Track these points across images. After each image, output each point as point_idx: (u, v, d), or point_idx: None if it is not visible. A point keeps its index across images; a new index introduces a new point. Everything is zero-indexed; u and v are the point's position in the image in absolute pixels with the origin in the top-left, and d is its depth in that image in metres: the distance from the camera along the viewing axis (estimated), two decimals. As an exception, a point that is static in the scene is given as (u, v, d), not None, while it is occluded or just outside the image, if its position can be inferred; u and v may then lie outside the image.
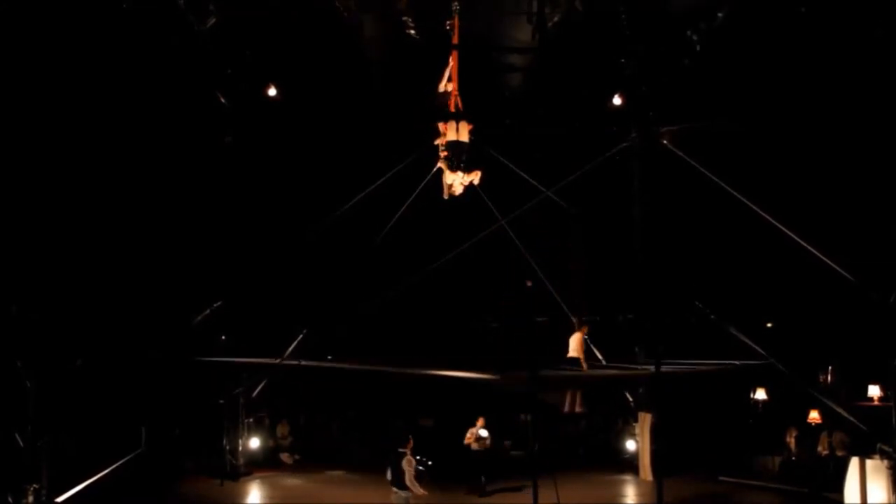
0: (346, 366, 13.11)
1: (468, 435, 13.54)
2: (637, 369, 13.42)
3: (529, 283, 12.99)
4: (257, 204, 15.17)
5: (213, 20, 12.09)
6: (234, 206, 14.91)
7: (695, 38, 12.66)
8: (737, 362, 12.81)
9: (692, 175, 12.74)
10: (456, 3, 11.40)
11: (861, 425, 11.71)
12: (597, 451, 16.79)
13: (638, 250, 13.97)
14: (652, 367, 10.75)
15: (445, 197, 10.84)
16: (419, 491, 10.10)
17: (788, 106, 12.88)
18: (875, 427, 11.27)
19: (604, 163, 13.97)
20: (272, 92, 14.07)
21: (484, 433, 13.72)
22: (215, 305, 14.05)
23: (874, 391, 13.39)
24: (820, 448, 14.04)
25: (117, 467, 12.50)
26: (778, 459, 14.55)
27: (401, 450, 10.17)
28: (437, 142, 10.76)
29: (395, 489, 10.24)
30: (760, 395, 15.62)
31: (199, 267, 14.28)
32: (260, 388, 15.55)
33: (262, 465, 15.59)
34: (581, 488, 13.43)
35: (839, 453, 13.34)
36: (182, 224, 14.16)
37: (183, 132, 13.79)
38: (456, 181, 10.64)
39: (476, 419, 13.83)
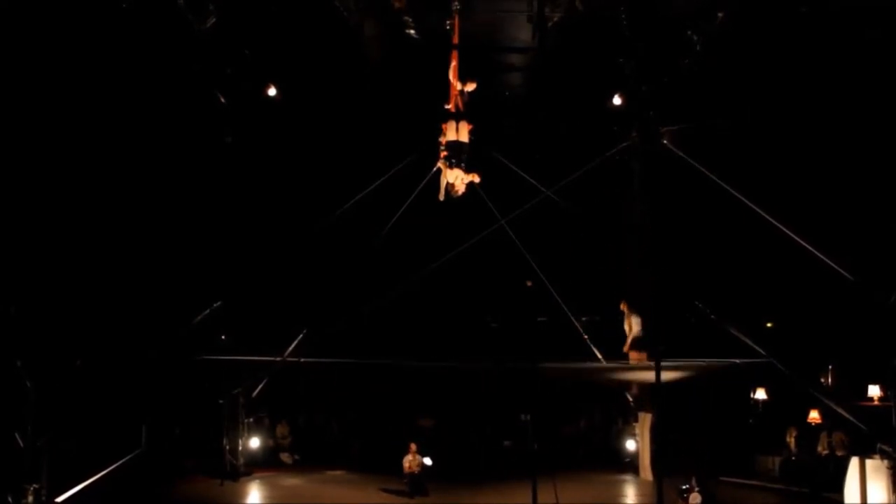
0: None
1: (406, 464, 13.47)
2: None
3: (529, 283, 12.99)
4: (257, 204, 15.17)
5: (213, 20, 12.08)
6: (233, 206, 14.91)
7: (695, 37, 12.65)
8: (737, 361, 12.82)
9: (692, 175, 12.75)
10: (456, 3, 11.41)
11: (861, 425, 11.72)
12: (597, 451, 16.79)
13: (638, 250, 13.97)
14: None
15: (441, 198, 10.83)
16: None
17: (789, 106, 12.87)
18: (875, 427, 11.28)
19: (604, 163, 13.98)
20: (272, 92, 14.06)
21: (428, 461, 13.69)
22: (215, 305, 14.05)
23: (874, 391, 13.39)
24: (820, 448, 14.04)
25: (117, 467, 12.53)
26: (778, 459, 14.54)
27: None
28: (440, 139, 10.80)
29: None
30: (760, 394, 15.62)
31: (198, 267, 14.27)
32: (260, 388, 15.55)
33: (262, 465, 15.59)
34: (581, 488, 13.43)
35: (839, 453, 13.34)
36: (182, 224, 14.15)
37: (183, 132, 13.78)
38: (457, 180, 10.65)
39: (409, 445, 13.69)
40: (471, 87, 10.83)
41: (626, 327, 14.41)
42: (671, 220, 13.22)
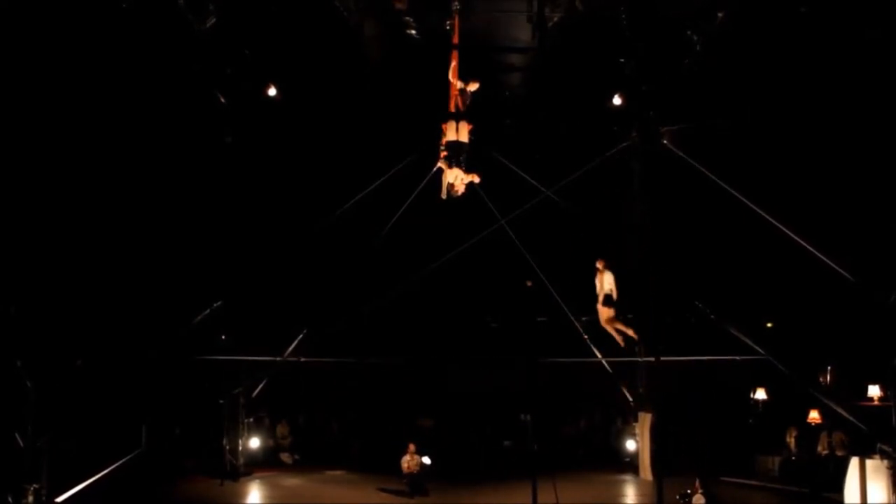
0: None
1: (404, 465, 13.41)
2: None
3: (529, 283, 13.00)
4: (257, 204, 15.18)
5: (213, 20, 12.09)
6: (233, 206, 14.91)
7: (695, 37, 12.66)
8: (737, 358, 12.86)
9: (692, 175, 12.76)
10: (456, 3, 11.42)
11: (861, 425, 11.73)
12: (597, 451, 16.80)
13: (638, 250, 13.98)
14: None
15: (443, 197, 10.85)
16: None
17: (789, 106, 12.88)
18: (875, 427, 11.28)
19: (604, 163, 13.99)
20: (272, 92, 14.07)
21: (427, 460, 13.64)
22: (215, 305, 14.05)
23: (874, 391, 13.38)
24: (820, 448, 14.04)
25: (117, 467, 12.54)
26: (778, 459, 14.54)
27: None
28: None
29: None
30: (760, 394, 15.62)
31: (198, 267, 14.28)
32: (260, 388, 15.56)
33: (262, 465, 15.58)
34: (581, 488, 13.42)
35: (839, 453, 13.34)
36: (182, 224, 14.16)
37: (183, 132, 13.79)
38: (457, 180, 10.67)
39: (407, 445, 13.61)
40: (473, 86, 10.84)
41: (598, 284, 14.14)
42: (671, 220, 13.26)
